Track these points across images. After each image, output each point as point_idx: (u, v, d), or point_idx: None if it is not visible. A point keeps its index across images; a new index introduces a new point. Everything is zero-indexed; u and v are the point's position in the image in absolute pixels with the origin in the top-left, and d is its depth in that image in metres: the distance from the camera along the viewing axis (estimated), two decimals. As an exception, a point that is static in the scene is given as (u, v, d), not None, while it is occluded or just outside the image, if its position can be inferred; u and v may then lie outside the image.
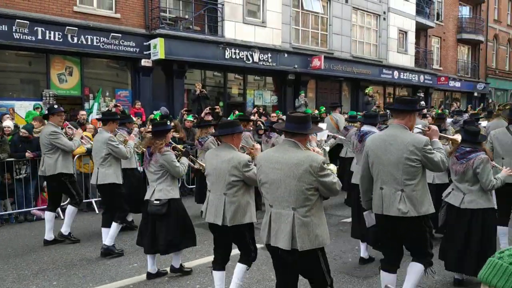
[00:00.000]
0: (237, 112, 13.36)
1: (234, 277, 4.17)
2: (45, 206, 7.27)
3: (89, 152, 8.55)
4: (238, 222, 4.01)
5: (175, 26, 14.62)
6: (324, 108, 15.81)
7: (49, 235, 6.59)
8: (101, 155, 6.03)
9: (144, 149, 5.21)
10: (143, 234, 5.15)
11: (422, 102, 20.71)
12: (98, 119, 8.15)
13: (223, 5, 15.11)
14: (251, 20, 16.11)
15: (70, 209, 6.71)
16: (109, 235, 5.97)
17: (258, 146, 4.58)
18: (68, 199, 7.13)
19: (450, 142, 4.67)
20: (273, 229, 3.25)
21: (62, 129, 6.79)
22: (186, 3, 15.62)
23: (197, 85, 13.88)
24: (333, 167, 3.36)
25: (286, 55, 16.84)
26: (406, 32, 22.87)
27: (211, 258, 4.50)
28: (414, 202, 3.70)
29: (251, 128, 9.38)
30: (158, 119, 10.75)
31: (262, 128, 9.94)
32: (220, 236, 4.21)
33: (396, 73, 21.86)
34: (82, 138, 7.18)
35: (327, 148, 7.51)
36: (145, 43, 13.64)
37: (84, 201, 8.76)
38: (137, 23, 13.77)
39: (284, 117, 11.90)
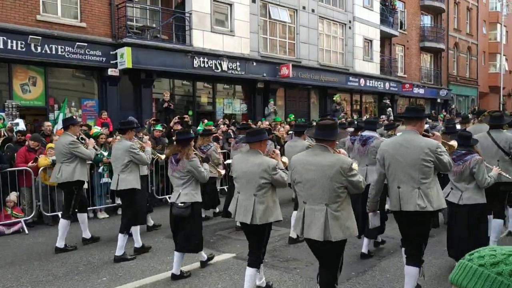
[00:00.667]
0: (206, 121, 13.32)
1: (247, 284, 4.50)
2: (7, 221, 7.05)
3: (54, 165, 8.33)
4: (265, 221, 4.41)
5: (142, 35, 14.48)
6: (293, 116, 15.99)
7: (60, 243, 6.77)
8: (122, 162, 6.33)
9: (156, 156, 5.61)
10: (175, 236, 5.50)
11: (389, 109, 21.24)
12: (117, 129, 8.29)
13: (190, 14, 15.08)
14: (219, 29, 16.13)
15: (62, 222, 6.82)
16: (118, 246, 6.23)
17: (278, 151, 4.96)
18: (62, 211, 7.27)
19: (448, 147, 5.05)
20: (306, 223, 3.73)
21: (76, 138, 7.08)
22: (153, 12, 15.52)
23: (165, 94, 13.76)
24: (355, 165, 3.78)
25: (254, 63, 16.93)
26: (371, 41, 23.41)
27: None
28: (430, 198, 4.16)
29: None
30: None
31: (232, 136, 9.95)
32: (250, 234, 4.62)
33: (362, 80, 22.30)
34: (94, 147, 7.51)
35: (280, 161, 7.72)
36: (111, 52, 13.44)
37: (49, 214, 8.54)
38: (103, 32, 13.57)
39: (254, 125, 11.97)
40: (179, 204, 5.26)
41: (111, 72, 13.45)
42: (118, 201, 9.34)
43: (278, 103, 18.52)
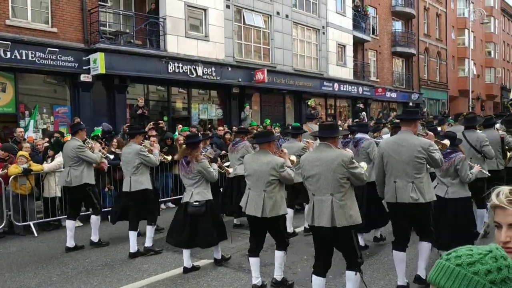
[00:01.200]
0: (181, 127, 13.24)
1: (276, 263, 5.09)
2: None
3: (25, 173, 8.14)
4: (276, 214, 4.89)
5: (115, 40, 14.30)
6: (269, 121, 16.04)
7: (70, 242, 7.09)
8: (133, 165, 6.69)
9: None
10: (177, 232, 5.85)
11: (363, 113, 21.54)
12: (127, 133, 8.65)
13: (165, 19, 14.99)
14: (194, 34, 16.09)
15: (94, 218, 7.35)
16: (147, 237, 6.76)
17: (285, 150, 5.50)
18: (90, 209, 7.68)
19: (441, 146, 5.56)
20: (316, 213, 4.20)
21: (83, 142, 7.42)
22: (126, 17, 15.36)
23: (139, 99, 13.60)
24: (364, 164, 4.42)
25: (229, 68, 16.94)
26: (344, 46, 23.74)
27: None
28: (422, 191, 4.69)
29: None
30: (100, 135, 10.47)
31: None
32: (257, 227, 5.08)
33: (336, 85, 22.58)
34: (100, 150, 7.84)
35: (290, 159, 8.31)
36: (84, 58, 13.23)
37: (20, 224, 8.31)
38: (75, 37, 13.34)
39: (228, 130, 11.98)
40: (194, 203, 5.66)
41: (83, 78, 13.23)
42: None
43: (254, 108, 18.57)
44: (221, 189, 9.38)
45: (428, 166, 4.81)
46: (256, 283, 5.02)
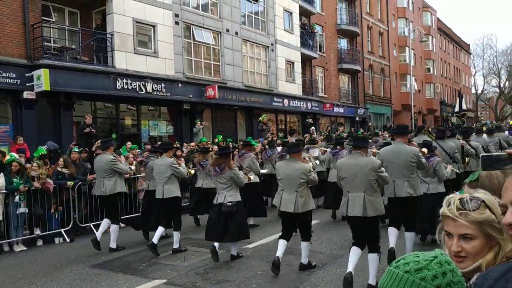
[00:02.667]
0: (130, 144, 12.97)
1: (303, 251, 6.23)
2: None
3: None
4: (306, 209, 6.11)
5: (61, 56, 13.88)
6: (221, 137, 16.05)
7: (113, 244, 8.05)
8: (165, 175, 7.70)
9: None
10: (212, 229, 6.84)
11: (312, 128, 22.01)
12: (158, 147, 9.19)
13: (112, 35, 14.73)
14: (143, 50, 15.90)
15: (113, 227, 8.10)
16: (174, 241, 7.66)
17: (307, 159, 6.90)
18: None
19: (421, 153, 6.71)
20: (350, 205, 5.39)
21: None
22: (72, 32, 14.97)
23: (87, 117, 13.20)
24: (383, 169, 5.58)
25: (180, 85, 16.84)
26: (293, 63, 24.27)
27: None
28: (415, 188, 6.19)
29: (256, 151, 11.48)
30: (46, 153, 10.05)
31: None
32: (290, 221, 6.31)
33: (286, 101, 22.97)
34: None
35: (318, 162, 9.67)
36: (27, 74, 12.71)
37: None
38: (17, 53, 12.82)
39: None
40: (228, 204, 6.69)
41: (26, 95, 12.69)
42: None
43: (205, 124, 18.51)
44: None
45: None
46: (303, 261, 6.28)
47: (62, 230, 9.15)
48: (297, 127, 25.58)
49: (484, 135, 11.10)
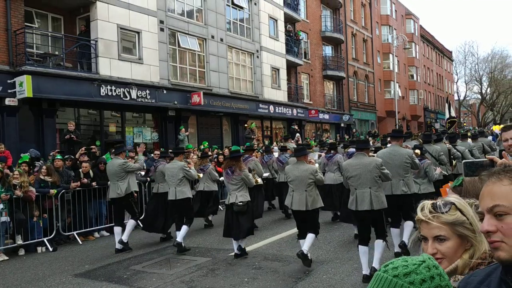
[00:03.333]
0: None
1: (307, 242, 6.65)
2: None
3: None
4: (314, 207, 6.68)
5: (44, 62, 13.71)
6: (207, 143, 16.01)
7: (118, 246, 8.38)
8: (177, 178, 8.25)
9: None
10: (230, 228, 7.41)
11: (297, 134, 22.10)
12: (171, 152, 9.95)
13: (96, 41, 14.62)
14: (127, 56, 15.81)
15: (131, 222, 8.68)
16: (180, 235, 8.07)
17: (313, 161, 7.59)
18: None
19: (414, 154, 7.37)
20: (358, 201, 5.99)
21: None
22: (55, 39, 14.82)
23: (69, 124, 13.04)
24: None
25: (165, 91, 16.77)
26: (278, 69, 24.38)
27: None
28: (409, 186, 6.85)
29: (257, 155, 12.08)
30: (28, 161, 9.90)
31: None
32: (302, 218, 6.79)
33: (271, 107, 23.04)
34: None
35: (317, 165, 10.20)
36: (9, 81, 12.53)
37: None
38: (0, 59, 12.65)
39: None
40: (239, 203, 7.23)
41: (8, 102, 12.51)
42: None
43: (191, 131, 18.44)
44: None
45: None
46: (303, 249, 6.58)
47: (45, 239, 8.99)
48: (283, 134, 25.68)
49: (469, 140, 11.73)
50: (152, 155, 12.92)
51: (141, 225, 9.78)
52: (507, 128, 3.62)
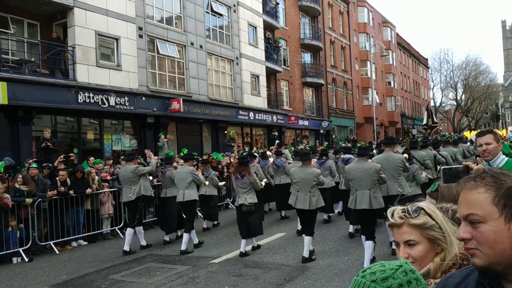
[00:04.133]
0: (93, 159, 12.68)
1: (305, 245, 7.28)
2: None
3: None
4: (317, 206, 7.43)
5: (19, 69, 13.46)
6: (186, 150, 15.94)
7: (127, 247, 8.76)
8: (187, 181, 8.85)
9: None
10: (240, 227, 8.11)
11: (277, 141, 22.19)
12: (181, 157, 11.21)
13: (74, 48, 14.44)
14: (105, 63, 15.65)
15: (138, 228, 9.16)
16: (183, 242, 8.59)
17: (314, 164, 8.63)
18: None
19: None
20: (358, 201, 6.78)
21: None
22: (31, 45, 14.58)
23: (45, 131, 12.80)
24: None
25: (144, 98, 16.64)
26: (257, 76, 24.47)
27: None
28: (403, 187, 7.63)
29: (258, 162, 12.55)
30: (2, 171, 9.70)
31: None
32: (305, 216, 7.50)
33: (251, 114, 23.09)
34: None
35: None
36: (-17, 88, 12.26)
37: None
38: (-27, 65, 12.37)
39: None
40: (247, 204, 7.86)
41: (-18, 109, 12.24)
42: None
43: (170, 138, 18.32)
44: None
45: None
46: (305, 255, 7.26)
47: (21, 249, 8.78)
48: (263, 140, 25.74)
49: (451, 146, 12.45)
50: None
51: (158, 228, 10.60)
52: (481, 133, 3.69)
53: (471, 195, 1.19)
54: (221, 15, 22.14)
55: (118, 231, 11.04)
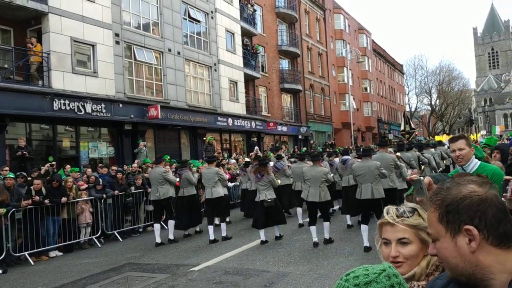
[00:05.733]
0: (70, 167, 12.47)
1: (325, 229, 8.87)
2: None
3: None
4: (326, 199, 8.92)
5: (-8, 76, 13.15)
6: (168, 157, 15.84)
7: (158, 240, 10.13)
8: (213, 181, 10.18)
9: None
10: (258, 220, 9.31)
11: (256, 147, 22.22)
12: (205, 160, 12.94)
13: (49, 54, 14.20)
14: (81, 70, 15.43)
15: (170, 222, 10.59)
16: (222, 230, 10.19)
17: (323, 165, 10.53)
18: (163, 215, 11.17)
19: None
20: (363, 192, 8.26)
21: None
22: (4, 51, 14.28)
23: (20, 140, 12.54)
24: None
25: (121, 105, 16.46)
26: (236, 82, 24.49)
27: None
28: (394, 182, 9.25)
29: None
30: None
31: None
32: (314, 208, 8.93)
33: (230, 120, 23.08)
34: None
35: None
36: (-46, 95, 11.94)
37: None
38: None
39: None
40: (268, 200, 9.14)
41: (-47, 117, 11.91)
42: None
43: (148, 145, 18.15)
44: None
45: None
46: (315, 240, 8.69)
47: (-7, 261, 8.55)
48: (242, 146, 25.74)
49: (432, 149, 14.42)
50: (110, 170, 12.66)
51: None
52: (454, 139, 3.74)
53: (428, 215, 1.25)
54: (198, 21, 22.12)
55: (96, 240, 10.86)
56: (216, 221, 11.33)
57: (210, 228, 9.89)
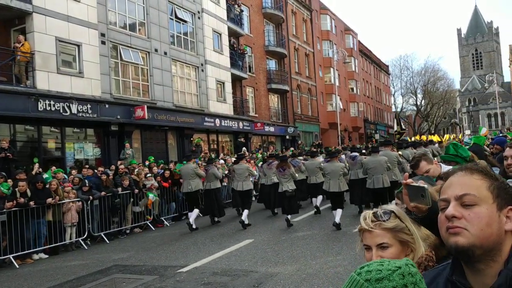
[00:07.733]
0: (55, 168, 12.33)
1: (337, 215, 10.05)
2: None
3: None
4: (342, 189, 10.57)
5: (-26, 76, 12.93)
6: (153, 158, 15.72)
7: (195, 224, 11.61)
8: (244, 175, 12.12)
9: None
10: (283, 208, 11.19)
11: (244, 148, 22.23)
12: (236, 158, 14.03)
13: (33, 54, 14.01)
14: (67, 70, 15.25)
15: (196, 210, 12.01)
16: (244, 215, 11.41)
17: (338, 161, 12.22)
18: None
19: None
20: (374, 182, 10.80)
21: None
22: (-13, 51, 14.04)
23: (3, 141, 12.33)
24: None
25: (107, 105, 16.30)
26: (223, 83, 24.45)
27: None
28: (396, 175, 11.36)
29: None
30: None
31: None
32: (334, 197, 10.50)
33: (217, 120, 23.02)
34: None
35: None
36: None
37: None
38: None
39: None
40: (289, 190, 10.77)
41: None
42: None
43: (135, 146, 18.01)
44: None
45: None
46: (336, 221, 9.98)
47: (-23, 264, 8.42)
48: (229, 147, 25.70)
49: (423, 147, 15.67)
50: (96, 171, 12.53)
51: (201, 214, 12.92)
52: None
53: (467, 179, 1.24)
54: (185, 21, 22.03)
55: (82, 242, 10.75)
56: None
57: (245, 212, 11.51)
